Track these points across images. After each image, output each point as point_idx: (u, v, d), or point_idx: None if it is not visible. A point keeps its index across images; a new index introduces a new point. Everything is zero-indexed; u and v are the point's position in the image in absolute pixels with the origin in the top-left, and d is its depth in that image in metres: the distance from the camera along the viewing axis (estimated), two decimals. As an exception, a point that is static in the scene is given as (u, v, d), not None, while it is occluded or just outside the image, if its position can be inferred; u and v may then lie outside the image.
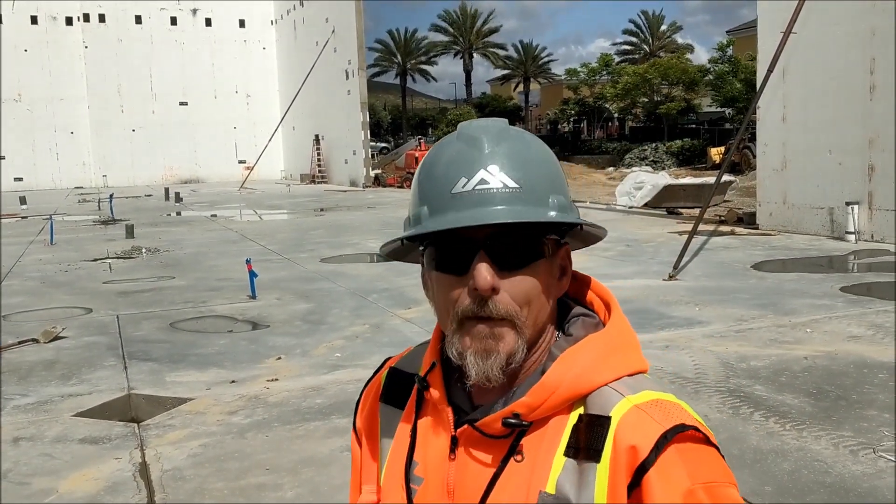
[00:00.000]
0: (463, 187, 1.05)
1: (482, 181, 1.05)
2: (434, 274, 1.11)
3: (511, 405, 1.08)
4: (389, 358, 1.33)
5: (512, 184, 1.05)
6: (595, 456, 1.03)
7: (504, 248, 1.06)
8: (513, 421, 1.07)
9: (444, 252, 1.09)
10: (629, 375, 1.10)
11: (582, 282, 1.21)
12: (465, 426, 1.11)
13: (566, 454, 1.05)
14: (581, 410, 1.07)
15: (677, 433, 1.02)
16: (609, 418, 1.04)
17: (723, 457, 1.08)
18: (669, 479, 1.00)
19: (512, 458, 1.08)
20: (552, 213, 1.07)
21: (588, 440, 1.04)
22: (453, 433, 1.13)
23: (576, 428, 1.06)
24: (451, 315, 1.08)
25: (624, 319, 1.15)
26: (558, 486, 1.04)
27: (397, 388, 1.25)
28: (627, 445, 1.02)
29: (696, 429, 1.04)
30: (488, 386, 1.08)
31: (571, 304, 1.18)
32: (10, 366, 7.27)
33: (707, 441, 1.05)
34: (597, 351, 1.10)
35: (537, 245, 1.08)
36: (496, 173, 1.05)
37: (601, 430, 1.04)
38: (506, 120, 1.14)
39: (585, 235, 1.19)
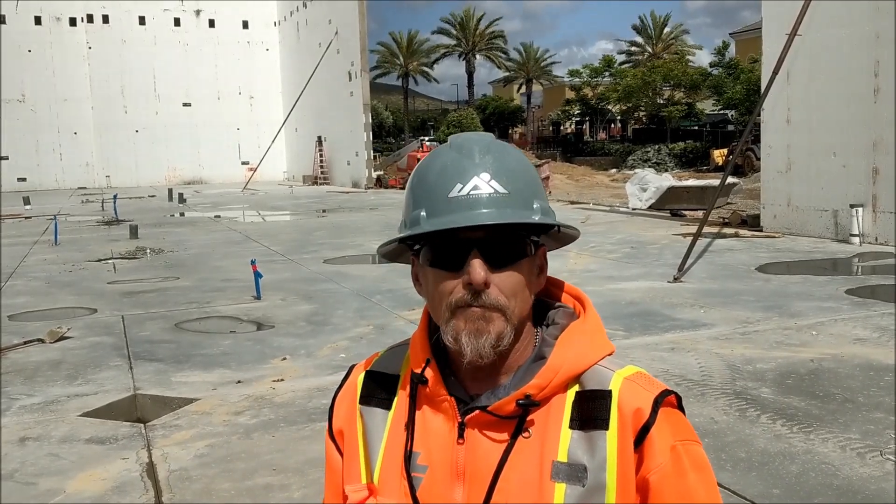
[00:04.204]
0: (459, 192, 1.17)
1: (475, 187, 1.17)
2: (430, 270, 1.22)
3: (523, 388, 1.20)
4: (354, 365, 1.41)
5: (502, 189, 1.17)
6: (603, 424, 1.18)
7: (495, 247, 1.18)
8: (524, 401, 1.19)
9: (440, 251, 1.20)
10: (607, 355, 1.26)
11: (556, 285, 1.34)
12: (477, 411, 1.21)
13: (571, 427, 1.19)
14: (577, 388, 1.22)
15: (664, 397, 1.20)
16: (610, 391, 1.20)
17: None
18: (663, 436, 1.18)
19: (520, 436, 1.20)
20: (536, 217, 1.19)
21: (594, 411, 1.19)
22: (460, 420, 1.22)
23: (577, 403, 1.20)
24: (445, 305, 1.19)
25: (595, 311, 1.30)
26: (570, 455, 1.18)
27: (378, 390, 1.33)
28: (633, 409, 1.18)
29: (674, 393, 1.23)
30: (481, 363, 1.19)
31: (548, 301, 1.32)
32: (16, 366, 7.27)
33: (676, 405, 1.24)
34: (584, 335, 1.25)
35: (522, 245, 1.21)
36: (487, 180, 1.17)
37: (605, 402, 1.19)
38: (491, 134, 1.27)
39: (561, 237, 1.31)
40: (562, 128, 65.42)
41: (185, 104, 48.37)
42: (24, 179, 44.49)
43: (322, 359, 7.31)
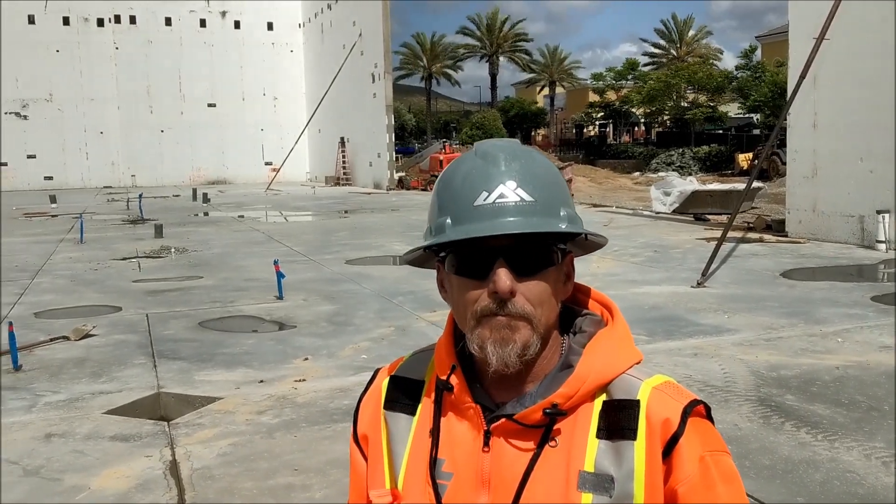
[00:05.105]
0: (484, 200, 1.16)
1: (501, 195, 1.16)
2: (455, 278, 1.22)
3: (549, 396, 1.19)
4: (379, 369, 1.41)
5: (528, 197, 1.16)
6: (631, 434, 1.17)
7: (521, 256, 1.17)
8: (551, 410, 1.18)
9: (466, 259, 1.19)
10: (635, 364, 1.25)
11: (583, 291, 1.33)
12: (503, 420, 1.20)
13: (598, 436, 1.18)
14: (604, 397, 1.20)
15: (693, 407, 1.19)
16: (637, 401, 1.19)
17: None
18: (692, 446, 1.17)
19: (547, 445, 1.19)
20: (563, 225, 1.18)
21: (621, 421, 1.18)
22: (486, 428, 1.22)
23: (604, 412, 1.19)
24: (470, 313, 1.19)
25: (623, 318, 1.29)
26: (597, 465, 1.17)
27: (402, 395, 1.33)
28: (661, 419, 1.17)
29: (703, 403, 1.22)
30: (507, 371, 1.19)
31: (575, 308, 1.31)
32: (42, 363, 7.36)
33: (705, 415, 1.23)
34: (612, 343, 1.24)
35: (549, 254, 1.20)
36: (513, 188, 1.16)
37: (633, 412, 1.18)
38: (517, 141, 1.27)
39: (588, 244, 1.30)
40: (585, 130, 65.23)
41: (209, 105, 48.74)
42: (50, 178, 45.05)
43: (344, 359, 7.33)
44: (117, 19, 46.62)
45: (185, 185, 43.09)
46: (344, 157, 43.18)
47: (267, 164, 48.47)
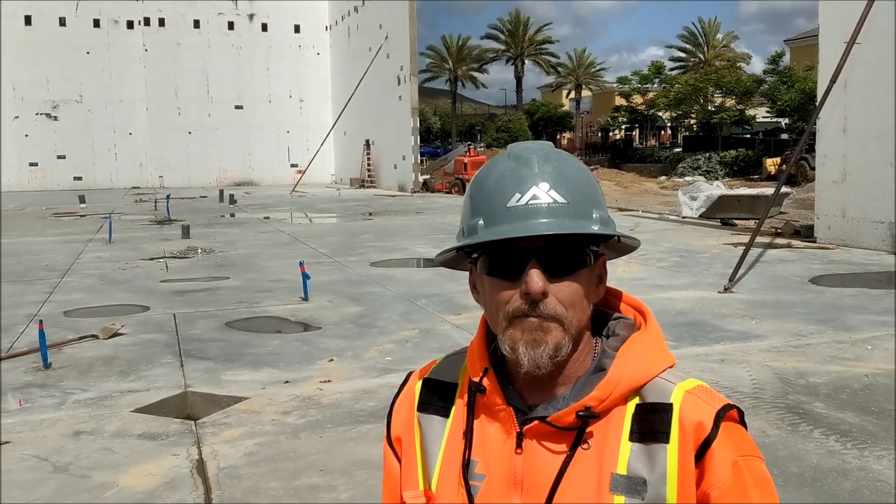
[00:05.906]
0: (517, 202, 1.17)
1: (534, 196, 1.16)
2: (487, 279, 1.22)
3: (583, 399, 1.19)
4: (411, 372, 1.42)
5: (561, 199, 1.17)
6: (664, 438, 1.17)
7: (553, 257, 1.17)
8: (584, 413, 1.18)
9: (498, 260, 1.20)
10: (668, 368, 1.24)
11: (614, 295, 1.33)
12: (536, 422, 1.21)
13: (631, 439, 1.18)
14: (637, 400, 1.20)
15: (726, 412, 1.19)
16: (671, 404, 1.18)
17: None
18: (725, 451, 1.16)
19: (579, 447, 1.19)
20: (595, 227, 1.18)
21: (654, 424, 1.18)
22: (519, 430, 1.22)
23: (637, 416, 1.19)
24: (502, 314, 1.19)
25: (656, 322, 1.28)
26: (629, 468, 1.16)
27: (436, 398, 1.34)
28: (694, 423, 1.17)
29: (736, 408, 1.21)
30: (538, 373, 1.19)
31: (607, 312, 1.31)
32: (71, 361, 7.45)
33: (738, 419, 1.22)
34: (645, 347, 1.24)
35: (581, 255, 1.20)
36: (546, 190, 1.17)
37: (666, 415, 1.18)
38: (551, 143, 1.26)
39: (620, 246, 1.30)
40: (610, 134, 64.97)
41: (237, 107, 49.12)
42: (79, 178, 45.68)
43: (368, 361, 7.35)
44: (146, 21, 47.12)
45: (211, 187, 43.47)
46: (369, 159, 43.33)
47: (293, 165, 48.77)
